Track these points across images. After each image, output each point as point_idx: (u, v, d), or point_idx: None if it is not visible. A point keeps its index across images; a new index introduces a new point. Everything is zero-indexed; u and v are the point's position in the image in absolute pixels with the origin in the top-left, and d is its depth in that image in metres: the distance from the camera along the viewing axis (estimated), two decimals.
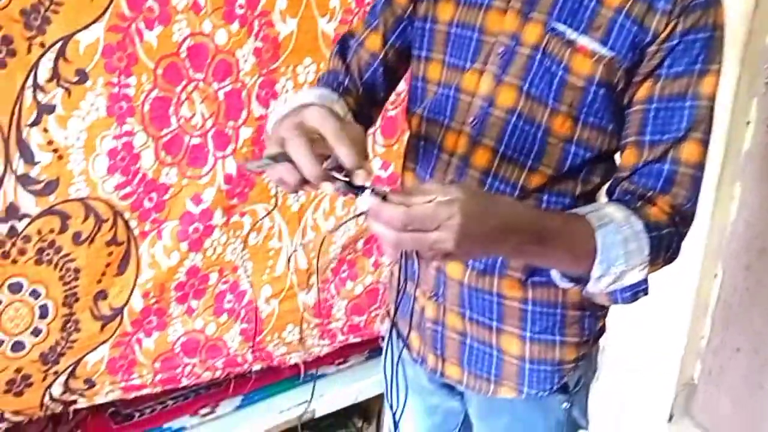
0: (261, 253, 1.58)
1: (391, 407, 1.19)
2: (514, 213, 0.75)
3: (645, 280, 0.85)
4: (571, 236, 0.80)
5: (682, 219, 0.87)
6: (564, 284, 0.88)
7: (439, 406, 1.17)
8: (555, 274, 0.89)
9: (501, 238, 0.73)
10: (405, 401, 1.20)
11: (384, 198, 0.68)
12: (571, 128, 0.88)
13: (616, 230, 0.80)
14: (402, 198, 0.68)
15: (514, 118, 0.89)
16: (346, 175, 0.70)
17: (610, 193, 0.93)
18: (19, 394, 1.38)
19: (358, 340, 1.80)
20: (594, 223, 0.80)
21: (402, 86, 1.57)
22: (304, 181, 0.71)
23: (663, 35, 0.82)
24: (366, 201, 0.68)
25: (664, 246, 0.85)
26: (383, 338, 1.26)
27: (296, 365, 1.72)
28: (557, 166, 0.90)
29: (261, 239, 1.57)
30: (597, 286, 0.83)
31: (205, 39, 1.34)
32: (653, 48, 0.83)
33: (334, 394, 1.77)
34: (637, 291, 0.85)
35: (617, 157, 0.92)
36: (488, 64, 0.90)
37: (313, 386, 1.71)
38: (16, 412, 1.39)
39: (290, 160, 0.69)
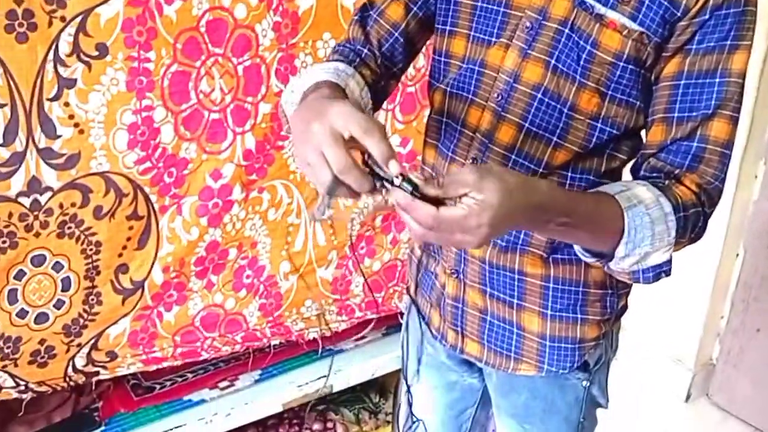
0: (280, 229, 1.59)
1: (406, 380, 1.20)
2: (545, 201, 0.74)
3: (669, 261, 0.84)
4: (600, 218, 0.80)
5: (708, 197, 0.86)
6: (586, 258, 0.88)
7: (458, 382, 1.18)
8: (577, 248, 0.88)
9: (527, 225, 0.75)
10: (418, 368, 1.20)
11: (416, 188, 0.68)
12: (597, 105, 0.87)
13: (644, 212, 0.80)
14: (435, 190, 0.68)
15: (539, 94, 0.88)
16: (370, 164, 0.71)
17: (635, 170, 0.92)
18: (43, 365, 1.41)
19: (375, 316, 1.81)
20: (623, 204, 0.80)
21: (422, 62, 1.56)
22: (357, 194, 0.73)
23: (694, 10, 0.81)
24: (398, 195, 0.69)
25: (690, 226, 0.84)
26: (402, 314, 1.27)
27: (314, 340, 1.73)
28: (583, 143, 0.89)
29: (280, 215, 1.57)
30: (620, 265, 0.83)
31: (224, 13, 1.33)
32: (684, 23, 0.82)
33: (351, 369, 1.78)
34: (660, 272, 0.84)
35: (643, 133, 0.91)
36: (514, 39, 0.89)
37: (331, 362, 1.72)
38: (40, 383, 1.42)
39: (344, 184, 0.70)
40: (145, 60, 1.29)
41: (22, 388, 1.40)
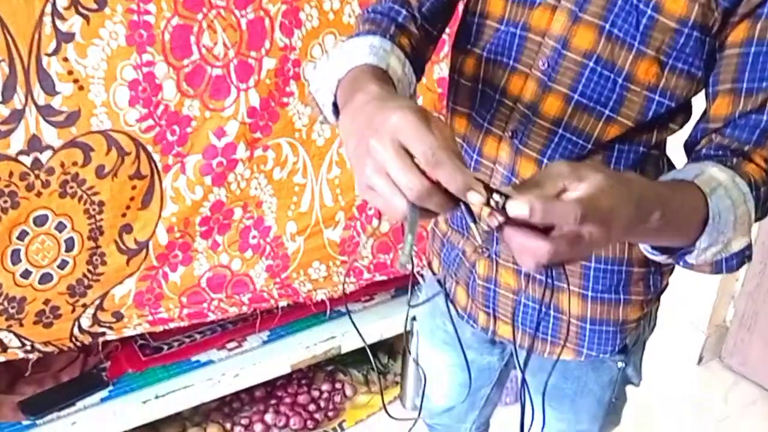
0: (286, 189, 1.56)
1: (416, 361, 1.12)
2: (644, 193, 0.64)
3: (750, 245, 0.77)
4: (688, 206, 0.71)
5: None
6: (656, 257, 0.80)
7: (475, 361, 1.11)
8: (644, 248, 0.80)
9: (636, 222, 0.64)
10: (432, 345, 1.14)
11: (507, 199, 0.56)
12: (656, 75, 0.79)
13: (724, 194, 0.73)
14: (531, 192, 0.57)
15: (591, 63, 0.80)
16: None
17: (691, 145, 0.84)
18: (49, 325, 1.40)
19: (384, 278, 1.79)
20: (705, 189, 0.72)
21: None
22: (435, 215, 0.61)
23: None
24: (514, 208, 0.56)
25: (761, 204, 0.77)
26: (419, 286, 1.18)
27: (322, 302, 1.71)
28: (637, 117, 0.82)
29: (285, 175, 1.54)
30: (702, 257, 0.75)
31: None
32: None
33: (360, 330, 1.77)
34: (744, 257, 0.77)
35: (699, 104, 0.83)
36: (562, 0, 0.81)
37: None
38: (46, 343, 1.41)
39: (422, 208, 0.58)
40: (145, 12, 1.25)
41: (28, 347, 1.40)
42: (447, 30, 0.97)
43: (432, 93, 1.62)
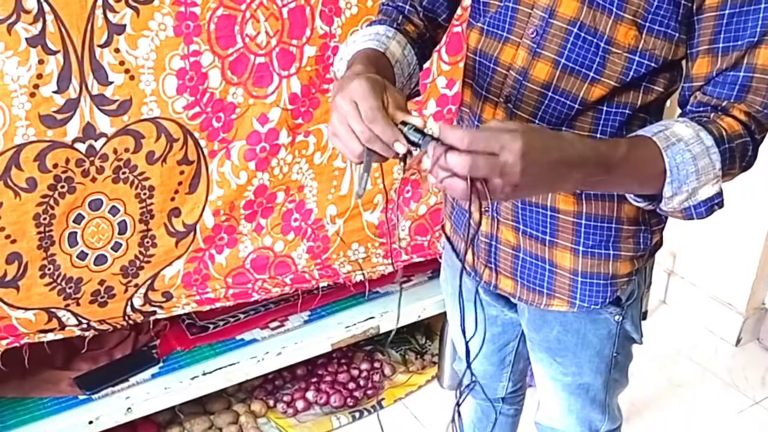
0: (326, 173, 1.60)
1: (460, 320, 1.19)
2: (577, 147, 0.75)
3: (719, 194, 0.84)
4: (638, 162, 0.80)
5: (758, 125, 0.85)
6: (637, 203, 0.88)
7: (498, 317, 1.20)
8: (628, 195, 0.89)
9: (565, 172, 0.74)
10: (462, 305, 1.21)
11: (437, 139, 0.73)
12: (635, 38, 0.86)
13: (684, 149, 0.80)
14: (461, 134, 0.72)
15: (575, 29, 0.87)
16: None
17: (682, 104, 0.91)
18: (104, 304, 1.47)
19: (421, 259, 1.82)
20: (660, 144, 0.80)
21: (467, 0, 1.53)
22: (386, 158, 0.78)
23: None
24: (431, 146, 0.72)
25: (738, 156, 0.83)
26: (441, 256, 1.29)
27: (361, 282, 1.76)
28: (620, 77, 0.89)
29: (326, 159, 1.58)
30: (670, 205, 0.84)
31: None
32: None
33: (398, 311, 1.81)
34: (713, 205, 0.84)
35: (687, 66, 0.89)
36: None
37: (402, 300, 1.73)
38: (101, 321, 1.48)
39: (373, 152, 0.76)
40: (192, 4, 1.29)
41: (85, 326, 1.47)
42: None
43: None
